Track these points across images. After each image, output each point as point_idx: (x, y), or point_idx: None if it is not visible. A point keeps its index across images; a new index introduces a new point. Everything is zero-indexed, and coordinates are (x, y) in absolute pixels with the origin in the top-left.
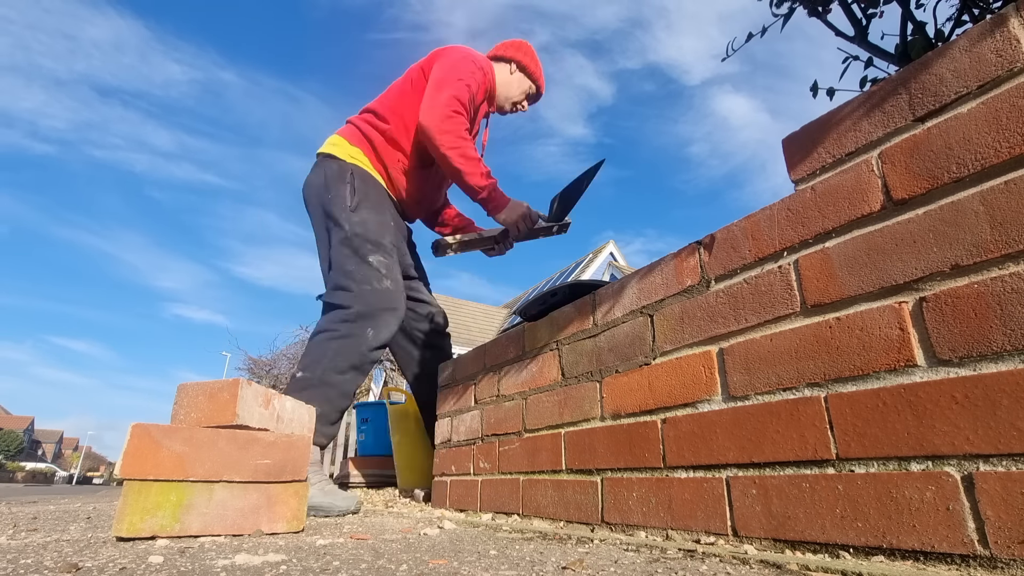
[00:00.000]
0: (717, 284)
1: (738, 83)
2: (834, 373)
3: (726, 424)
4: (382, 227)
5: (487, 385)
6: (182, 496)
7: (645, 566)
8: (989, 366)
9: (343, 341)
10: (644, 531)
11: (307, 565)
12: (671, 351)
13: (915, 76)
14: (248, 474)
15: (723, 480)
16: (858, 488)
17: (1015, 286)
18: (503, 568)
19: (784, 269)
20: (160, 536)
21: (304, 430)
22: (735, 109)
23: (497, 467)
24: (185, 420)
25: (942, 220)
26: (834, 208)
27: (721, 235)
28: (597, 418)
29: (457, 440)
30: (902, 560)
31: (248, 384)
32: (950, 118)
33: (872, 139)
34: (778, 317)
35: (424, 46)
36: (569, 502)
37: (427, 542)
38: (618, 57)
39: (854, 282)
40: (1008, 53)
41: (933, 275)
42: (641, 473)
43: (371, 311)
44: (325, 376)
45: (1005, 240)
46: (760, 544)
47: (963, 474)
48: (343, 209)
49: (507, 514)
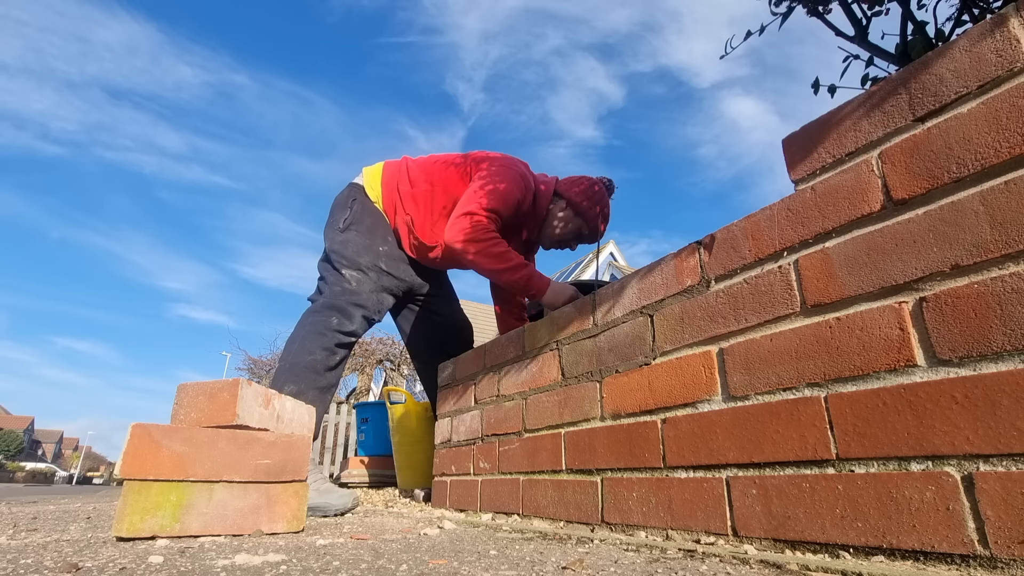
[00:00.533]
0: (717, 284)
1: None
2: (834, 373)
3: (726, 424)
4: (364, 249)
5: (487, 385)
6: (182, 496)
7: (645, 566)
8: (989, 366)
9: (310, 327)
10: (644, 531)
11: (307, 565)
12: (671, 351)
13: (915, 76)
14: (248, 474)
15: (723, 480)
16: (858, 488)
17: (1015, 286)
18: (503, 568)
19: (784, 269)
20: (160, 536)
21: (304, 430)
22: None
23: (497, 467)
24: (185, 420)
25: (942, 220)
26: (834, 208)
27: (721, 235)
28: (597, 418)
29: (457, 440)
30: (902, 560)
31: (248, 384)
32: (950, 118)
33: (872, 139)
34: (778, 317)
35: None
36: (569, 502)
37: (427, 542)
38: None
39: (854, 282)
40: (1008, 53)
41: (933, 275)
42: (641, 473)
43: (337, 304)
44: (294, 358)
45: (1005, 240)
46: (760, 544)
47: (963, 474)
48: (335, 229)
49: (507, 514)
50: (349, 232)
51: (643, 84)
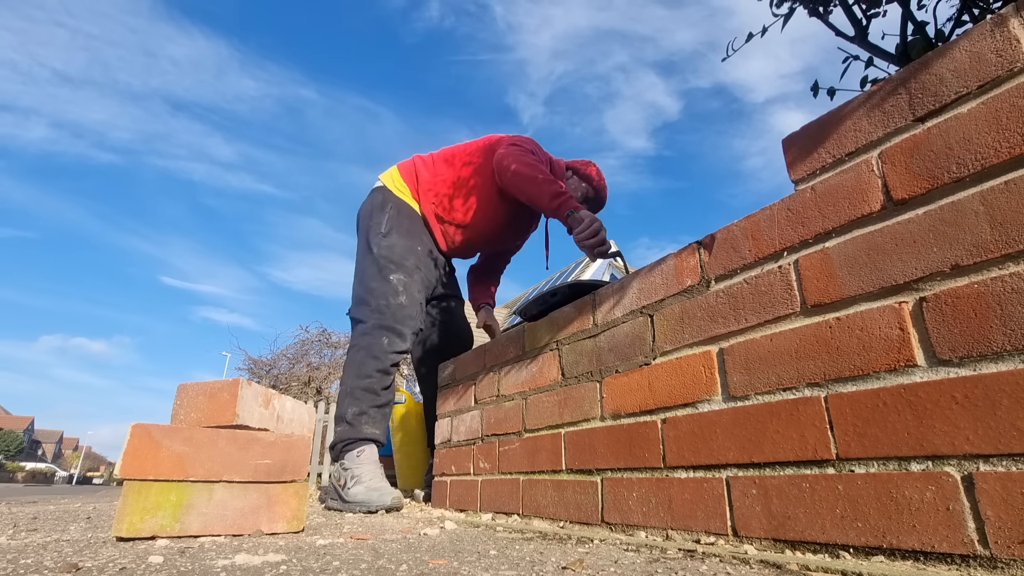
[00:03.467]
0: (717, 284)
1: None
2: (834, 373)
3: (726, 424)
4: (407, 251)
5: (487, 385)
6: (182, 496)
7: (645, 566)
8: (989, 366)
9: (364, 351)
10: (644, 531)
11: (307, 565)
12: (671, 351)
13: (915, 76)
14: (248, 474)
15: (723, 480)
16: (858, 488)
17: (1015, 286)
18: (503, 568)
19: (784, 269)
20: (160, 536)
21: (304, 430)
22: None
23: (497, 467)
24: (185, 420)
25: (942, 220)
26: (834, 208)
27: (721, 235)
28: (597, 418)
29: (457, 440)
30: (902, 560)
31: (248, 384)
32: (950, 118)
33: (872, 139)
34: (778, 317)
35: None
36: (569, 502)
37: (427, 542)
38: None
39: (854, 282)
40: (1008, 53)
41: (933, 275)
42: (641, 473)
43: (387, 324)
44: (354, 382)
45: (1005, 240)
46: (760, 544)
47: (963, 474)
48: (377, 234)
49: (507, 514)
50: (392, 236)
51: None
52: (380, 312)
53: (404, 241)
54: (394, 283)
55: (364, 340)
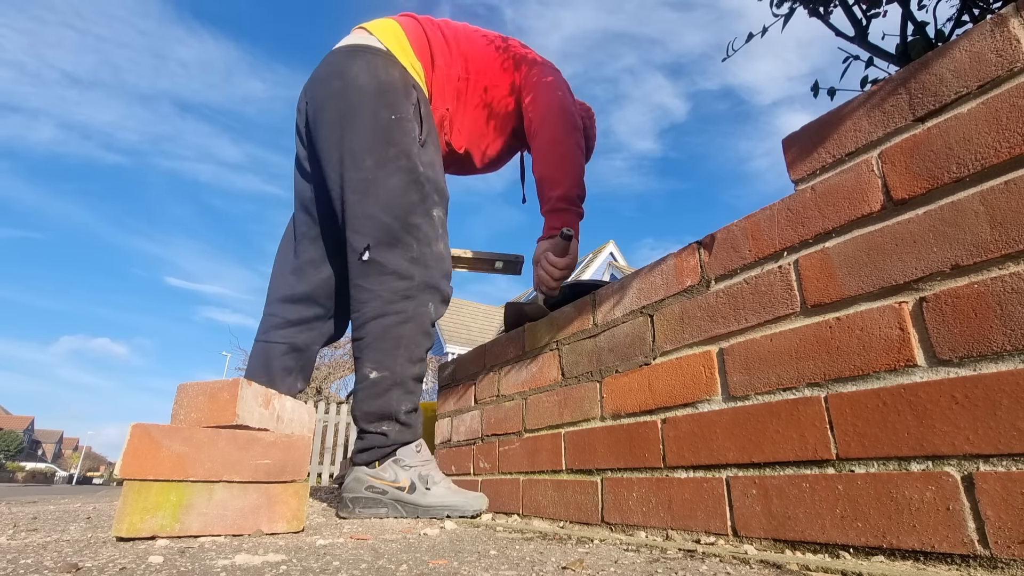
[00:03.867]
0: (717, 284)
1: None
2: (834, 373)
3: (726, 424)
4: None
5: (487, 385)
6: (182, 496)
7: (645, 566)
8: (989, 366)
9: (412, 325)
10: (644, 531)
11: (307, 565)
12: (671, 351)
13: (915, 76)
14: (248, 474)
15: (723, 480)
16: (858, 488)
17: (1015, 286)
18: (503, 568)
19: (784, 269)
20: (160, 536)
21: (304, 430)
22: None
23: (497, 467)
24: (185, 420)
25: (942, 220)
26: (834, 208)
27: (721, 235)
28: (597, 418)
29: (457, 440)
30: (902, 560)
31: (248, 384)
32: (950, 118)
33: (872, 139)
34: (778, 317)
35: None
36: (569, 502)
37: (427, 542)
38: (698, 78)
39: (854, 282)
40: (1008, 53)
41: (933, 275)
42: (641, 473)
43: (432, 280)
44: (403, 370)
45: (1005, 240)
46: (760, 544)
47: (963, 474)
48: (413, 140)
49: (507, 514)
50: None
51: (707, 101)
52: (425, 265)
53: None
54: (436, 221)
55: (410, 307)
